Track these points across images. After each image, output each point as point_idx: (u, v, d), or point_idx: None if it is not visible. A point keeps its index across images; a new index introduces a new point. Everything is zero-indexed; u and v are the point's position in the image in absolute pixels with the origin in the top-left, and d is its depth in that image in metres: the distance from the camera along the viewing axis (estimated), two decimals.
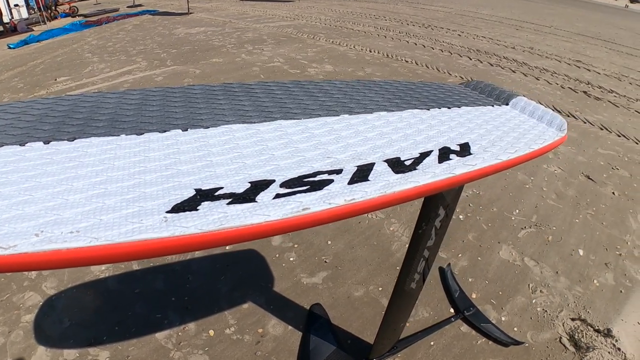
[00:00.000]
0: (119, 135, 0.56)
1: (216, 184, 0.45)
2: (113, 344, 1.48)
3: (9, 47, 5.86)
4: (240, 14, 9.05)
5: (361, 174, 0.51)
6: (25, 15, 7.55)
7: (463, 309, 1.69)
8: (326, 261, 1.94)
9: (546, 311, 1.75)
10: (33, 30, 7.04)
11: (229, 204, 0.41)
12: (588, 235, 2.29)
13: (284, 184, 0.46)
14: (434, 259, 1.11)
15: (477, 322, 1.65)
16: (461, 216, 2.36)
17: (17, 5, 7.29)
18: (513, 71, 5.64)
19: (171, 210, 0.39)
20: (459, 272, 1.94)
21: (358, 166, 0.53)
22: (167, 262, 1.87)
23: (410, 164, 0.56)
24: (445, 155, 0.62)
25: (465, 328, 1.64)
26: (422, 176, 0.54)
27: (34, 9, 7.91)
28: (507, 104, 0.99)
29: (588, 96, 4.88)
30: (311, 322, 1.61)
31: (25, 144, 0.52)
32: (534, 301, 1.80)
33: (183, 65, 4.90)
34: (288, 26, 7.68)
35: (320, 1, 11.95)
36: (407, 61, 5.71)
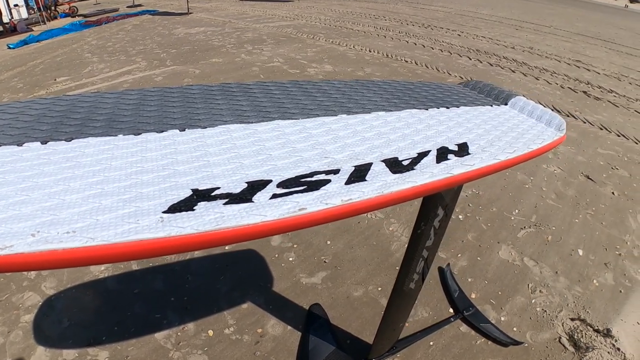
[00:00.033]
0: (117, 135, 0.56)
1: (213, 184, 0.45)
2: (112, 344, 1.48)
3: (9, 47, 5.87)
4: (240, 14, 9.05)
5: (358, 174, 0.51)
6: (25, 15, 7.56)
7: (462, 309, 1.69)
8: (325, 261, 1.94)
9: (545, 311, 1.75)
10: (33, 31, 7.04)
11: (225, 204, 0.41)
12: (587, 235, 2.29)
13: (280, 184, 0.46)
14: (433, 259, 1.11)
15: (476, 322, 1.65)
16: (461, 216, 2.36)
17: (16, 5, 7.29)
18: (513, 71, 5.64)
19: (168, 210, 0.39)
20: (459, 272, 1.94)
21: (355, 166, 0.53)
22: (166, 262, 1.87)
23: (408, 164, 0.56)
24: (443, 155, 0.62)
25: (464, 328, 1.64)
26: (419, 176, 0.53)
27: (33, 9, 7.91)
28: (506, 103, 0.99)
29: (588, 96, 4.88)
30: (310, 322, 1.61)
31: (23, 144, 0.52)
32: (533, 301, 1.80)
33: (183, 65, 4.90)
34: (288, 26, 7.68)
35: (320, 1, 11.95)
36: (407, 61, 5.71)
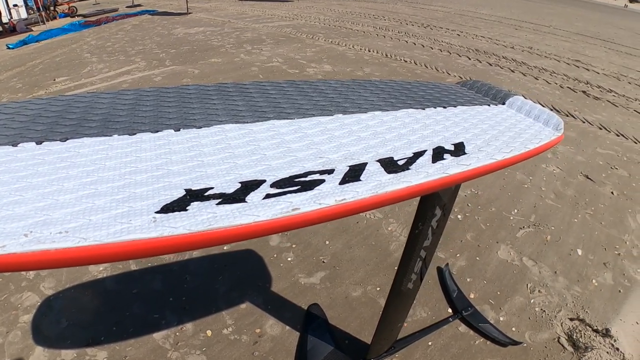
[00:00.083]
0: (112, 135, 0.56)
1: (206, 184, 0.45)
2: (111, 344, 1.48)
3: (8, 47, 5.86)
4: (239, 14, 9.05)
5: (353, 174, 0.51)
6: (24, 15, 7.56)
7: (461, 309, 1.69)
8: (324, 261, 1.94)
9: (544, 311, 1.75)
10: (32, 31, 7.04)
11: (218, 204, 0.41)
12: (587, 235, 2.29)
13: (274, 184, 0.46)
14: (431, 259, 1.11)
15: (475, 322, 1.65)
16: (459, 216, 2.36)
17: (16, 5, 7.29)
18: (512, 71, 5.64)
19: (160, 210, 0.39)
20: (457, 272, 1.94)
21: (350, 166, 0.53)
22: (165, 262, 1.87)
23: (403, 163, 0.56)
24: (439, 155, 0.62)
25: (463, 328, 1.64)
26: (415, 176, 0.53)
27: (32, 9, 7.91)
28: (503, 103, 0.99)
29: (587, 96, 4.88)
30: (309, 322, 1.61)
31: (18, 144, 0.52)
32: (532, 301, 1.80)
33: (182, 65, 4.90)
34: (287, 26, 7.68)
35: (320, 1, 11.94)
36: (406, 61, 5.70)
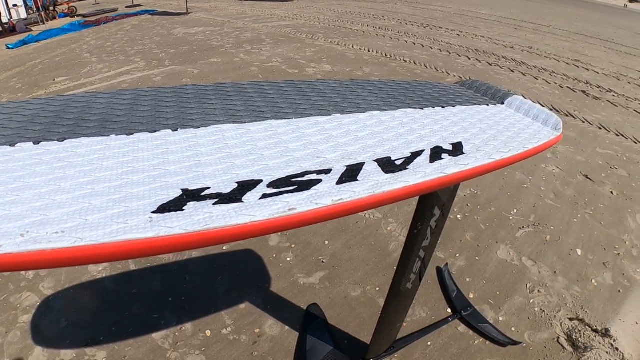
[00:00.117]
0: (109, 135, 0.56)
1: (203, 184, 0.45)
2: (110, 344, 1.48)
3: (8, 48, 5.86)
4: (239, 14, 9.05)
5: (350, 174, 0.50)
6: (24, 15, 7.57)
7: (460, 309, 1.69)
8: (323, 261, 1.94)
9: (544, 311, 1.75)
10: (32, 31, 7.04)
11: (215, 204, 0.41)
12: (586, 235, 2.28)
13: (271, 184, 0.46)
14: (429, 259, 1.11)
15: (474, 322, 1.65)
16: (459, 216, 2.36)
17: (15, 5, 7.30)
18: (512, 70, 5.64)
19: (157, 210, 0.39)
20: (457, 272, 1.94)
21: (347, 166, 0.53)
22: (164, 262, 1.87)
23: (401, 163, 0.56)
24: (437, 154, 0.62)
25: (462, 328, 1.64)
26: (412, 176, 0.53)
27: (32, 9, 7.92)
28: (502, 103, 0.98)
29: (587, 95, 4.88)
30: (308, 322, 1.61)
31: (15, 144, 0.52)
32: (531, 301, 1.80)
33: (181, 65, 4.90)
34: (287, 26, 7.68)
35: (319, 1, 11.94)
36: (406, 61, 5.70)
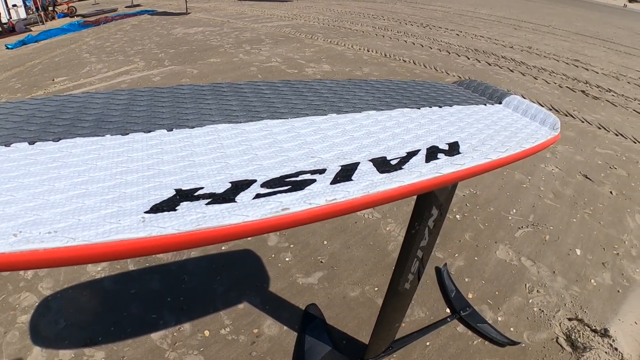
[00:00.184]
0: (104, 135, 0.56)
1: (197, 184, 0.45)
2: (108, 344, 1.48)
3: (7, 48, 5.86)
4: (239, 13, 9.04)
5: (344, 173, 0.50)
6: (24, 15, 7.57)
7: (459, 309, 1.69)
8: (322, 261, 1.94)
9: (543, 311, 1.75)
10: (31, 31, 7.04)
11: (208, 204, 0.41)
12: (585, 235, 2.28)
13: (265, 184, 0.46)
14: (428, 259, 1.10)
15: (473, 322, 1.64)
16: (458, 216, 2.36)
17: (15, 5, 7.30)
18: (511, 70, 5.64)
19: (150, 210, 0.39)
20: (456, 272, 1.94)
21: (342, 166, 0.52)
22: (163, 262, 1.87)
23: (396, 163, 0.56)
24: (433, 154, 0.62)
25: (461, 328, 1.64)
26: (407, 176, 0.53)
27: (32, 9, 7.92)
28: (500, 102, 0.98)
29: (586, 95, 4.88)
30: (307, 322, 1.60)
31: (11, 144, 0.52)
32: (530, 301, 1.80)
33: (181, 65, 4.89)
34: (286, 26, 7.67)
35: (319, 1, 11.94)
36: (405, 61, 5.70)
